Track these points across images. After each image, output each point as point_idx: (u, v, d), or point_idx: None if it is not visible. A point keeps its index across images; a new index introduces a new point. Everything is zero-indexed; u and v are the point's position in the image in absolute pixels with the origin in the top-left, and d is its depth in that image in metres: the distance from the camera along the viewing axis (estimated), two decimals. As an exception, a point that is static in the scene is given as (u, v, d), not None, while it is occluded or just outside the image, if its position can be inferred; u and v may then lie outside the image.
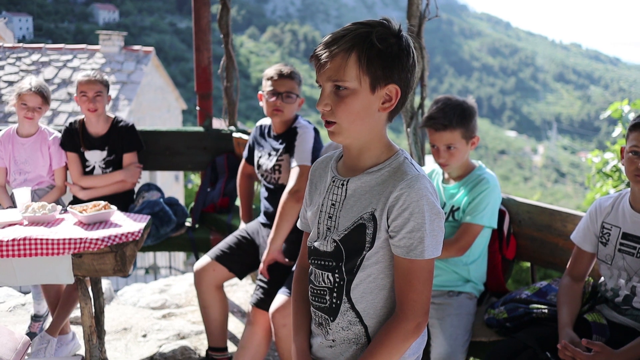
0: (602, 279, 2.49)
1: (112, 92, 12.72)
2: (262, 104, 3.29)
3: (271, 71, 3.23)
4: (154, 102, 15.25)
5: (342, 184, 1.69)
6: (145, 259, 10.68)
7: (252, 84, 76.49)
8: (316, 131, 3.26)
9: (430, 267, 1.61)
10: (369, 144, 1.66)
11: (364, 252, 1.64)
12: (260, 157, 3.39)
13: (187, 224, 4.15)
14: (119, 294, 4.57)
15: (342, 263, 1.66)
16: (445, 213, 2.84)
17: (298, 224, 1.91)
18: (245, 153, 3.59)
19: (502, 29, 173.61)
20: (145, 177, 13.70)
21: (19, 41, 29.76)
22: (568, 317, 2.36)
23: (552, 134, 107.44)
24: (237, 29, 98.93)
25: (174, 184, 17.18)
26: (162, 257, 10.71)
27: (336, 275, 1.68)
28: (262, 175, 3.37)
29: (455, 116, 2.75)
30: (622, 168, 5.92)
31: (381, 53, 1.56)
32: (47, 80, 12.52)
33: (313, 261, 1.75)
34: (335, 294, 1.69)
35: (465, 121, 2.77)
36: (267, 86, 3.22)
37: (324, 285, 1.71)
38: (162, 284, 4.70)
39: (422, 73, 3.28)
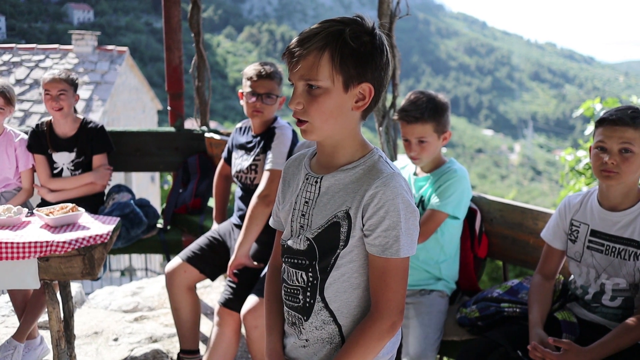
0: (572, 276, 2.49)
1: (86, 93, 12.69)
2: (242, 102, 3.24)
3: (250, 71, 3.16)
4: (128, 103, 15.10)
5: (316, 181, 1.67)
6: (121, 261, 10.56)
7: (230, 84, 76.18)
8: (294, 133, 3.20)
9: (406, 265, 1.60)
10: (342, 142, 1.64)
11: (338, 251, 1.62)
12: (236, 159, 3.35)
13: (159, 225, 4.09)
14: (90, 297, 4.49)
15: (316, 262, 1.65)
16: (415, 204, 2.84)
17: (270, 222, 1.89)
18: (224, 154, 3.54)
19: (478, 29, 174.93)
20: (120, 178, 13.56)
21: (-9, 41, 29.28)
22: (538, 316, 2.36)
23: (528, 132, 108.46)
24: (214, 29, 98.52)
25: (149, 185, 17.03)
26: (138, 259, 10.59)
27: (310, 274, 1.66)
28: (237, 177, 3.33)
29: (427, 109, 2.76)
30: (595, 165, 5.99)
31: (354, 51, 1.54)
32: (18, 81, 12.32)
33: (286, 259, 1.73)
34: (308, 293, 1.67)
35: (437, 115, 2.78)
36: (246, 86, 3.16)
37: (297, 284, 1.69)
38: (135, 286, 4.63)
39: (394, 72, 3.27)
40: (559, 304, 2.49)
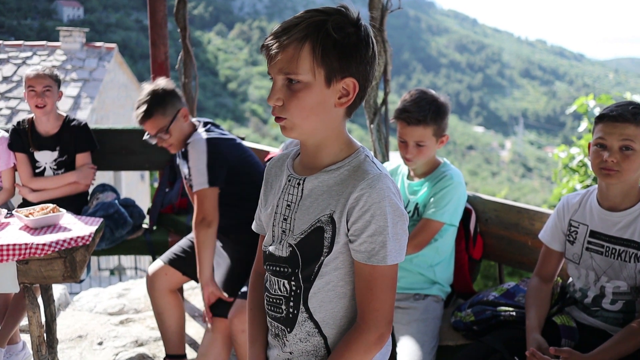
0: (571, 279, 2.41)
1: (74, 90, 12.55)
2: None
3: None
4: (117, 100, 14.94)
5: (298, 183, 1.57)
6: (110, 260, 10.43)
7: (220, 81, 75.94)
8: (210, 142, 2.98)
9: (394, 273, 1.49)
10: (325, 140, 1.54)
11: (322, 258, 1.52)
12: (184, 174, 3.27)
13: (145, 225, 3.97)
14: (75, 299, 4.39)
15: (299, 269, 1.54)
16: (410, 211, 2.74)
17: (253, 226, 1.79)
18: None
19: (469, 26, 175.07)
20: (110, 176, 13.41)
21: (-21, 38, 28.98)
22: (536, 320, 2.27)
23: (518, 129, 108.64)
24: (205, 26, 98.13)
25: (139, 184, 16.88)
26: (127, 258, 10.46)
27: (292, 282, 1.56)
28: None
29: (430, 112, 2.62)
30: (589, 163, 5.93)
31: (337, 43, 1.43)
32: (5, 78, 12.19)
33: (268, 267, 1.62)
34: (292, 303, 1.57)
35: (439, 118, 2.65)
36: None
37: (279, 293, 1.59)
38: (121, 288, 4.53)
39: (385, 67, 3.17)
40: (557, 307, 2.39)
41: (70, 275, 2.62)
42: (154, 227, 3.99)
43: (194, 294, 4.37)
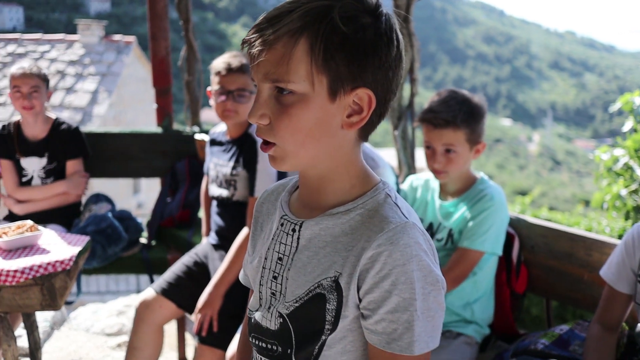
0: (642, 327, 1.95)
1: (92, 85, 12.27)
2: (212, 102, 2.72)
3: (219, 64, 2.64)
4: (136, 95, 14.65)
5: (293, 230, 1.13)
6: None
7: (246, 74, 75.95)
8: None
9: None
10: (331, 173, 1.10)
11: (323, 337, 1.09)
12: (212, 170, 2.86)
13: (143, 240, 3.58)
14: (72, 316, 4.03)
15: (292, 350, 1.11)
16: (442, 239, 2.30)
17: (240, 276, 1.37)
18: (205, 168, 3.06)
19: (496, 17, 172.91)
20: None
21: (8, 32, 29.15)
22: (600, 381, 1.82)
23: (547, 122, 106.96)
24: (230, 18, 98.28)
25: (158, 183, 16.62)
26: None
27: None
28: (212, 194, 2.83)
29: (461, 112, 2.19)
30: (634, 166, 5.42)
31: (347, 40, 1.00)
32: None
33: (254, 340, 1.19)
34: None
35: (473, 121, 2.22)
36: (214, 83, 2.66)
37: None
38: (122, 304, 4.16)
39: (412, 65, 2.74)
40: (625, 363, 1.95)
41: (49, 303, 2.30)
42: (153, 242, 3.59)
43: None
